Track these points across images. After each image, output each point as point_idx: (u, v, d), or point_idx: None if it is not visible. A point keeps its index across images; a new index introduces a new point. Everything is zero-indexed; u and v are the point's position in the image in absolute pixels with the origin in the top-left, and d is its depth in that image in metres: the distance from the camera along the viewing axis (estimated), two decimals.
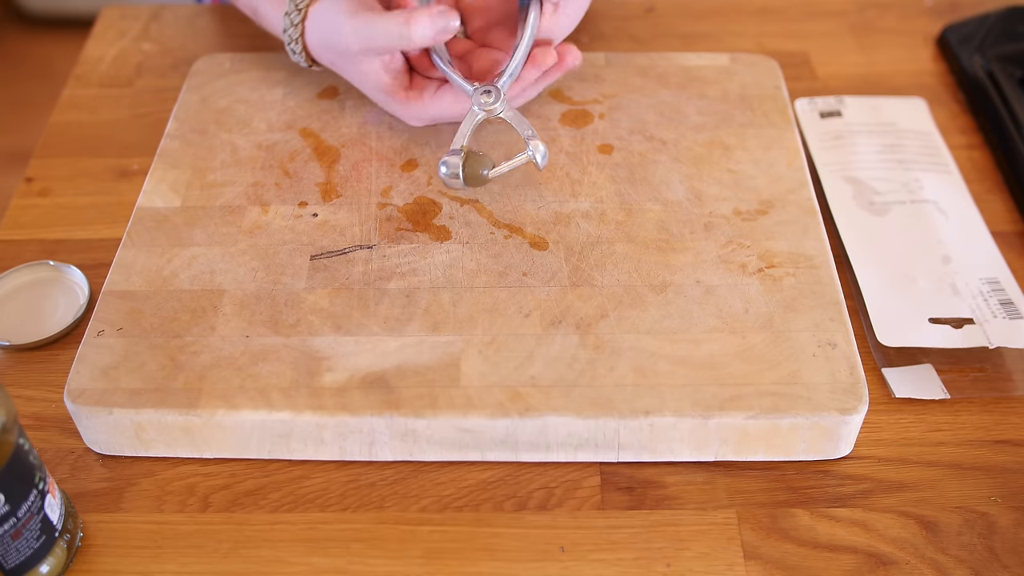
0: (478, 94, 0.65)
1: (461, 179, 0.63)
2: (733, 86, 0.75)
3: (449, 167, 0.63)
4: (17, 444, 0.48)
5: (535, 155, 0.63)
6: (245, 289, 0.61)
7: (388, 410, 0.55)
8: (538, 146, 0.63)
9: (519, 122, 0.65)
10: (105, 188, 0.73)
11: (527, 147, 0.63)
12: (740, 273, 0.61)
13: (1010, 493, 0.56)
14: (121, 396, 0.56)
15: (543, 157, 0.64)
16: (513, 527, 0.54)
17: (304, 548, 0.54)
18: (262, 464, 0.57)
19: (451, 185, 0.64)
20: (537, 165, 0.64)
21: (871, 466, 0.57)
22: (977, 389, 0.61)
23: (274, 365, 0.57)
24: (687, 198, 0.66)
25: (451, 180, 0.64)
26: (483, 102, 0.65)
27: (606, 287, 0.61)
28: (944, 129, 0.77)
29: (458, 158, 0.63)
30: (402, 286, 0.61)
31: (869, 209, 0.69)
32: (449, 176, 0.63)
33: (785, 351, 0.57)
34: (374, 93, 0.69)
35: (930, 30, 0.86)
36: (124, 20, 0.87)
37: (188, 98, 0.74)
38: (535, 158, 0.63)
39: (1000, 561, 0.53)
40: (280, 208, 0.66)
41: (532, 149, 0.63)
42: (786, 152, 0.69)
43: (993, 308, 0.63)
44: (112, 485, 0.56)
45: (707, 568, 0.53)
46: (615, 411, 0.55)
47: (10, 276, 0.66)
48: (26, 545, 0.49)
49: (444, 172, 0.63)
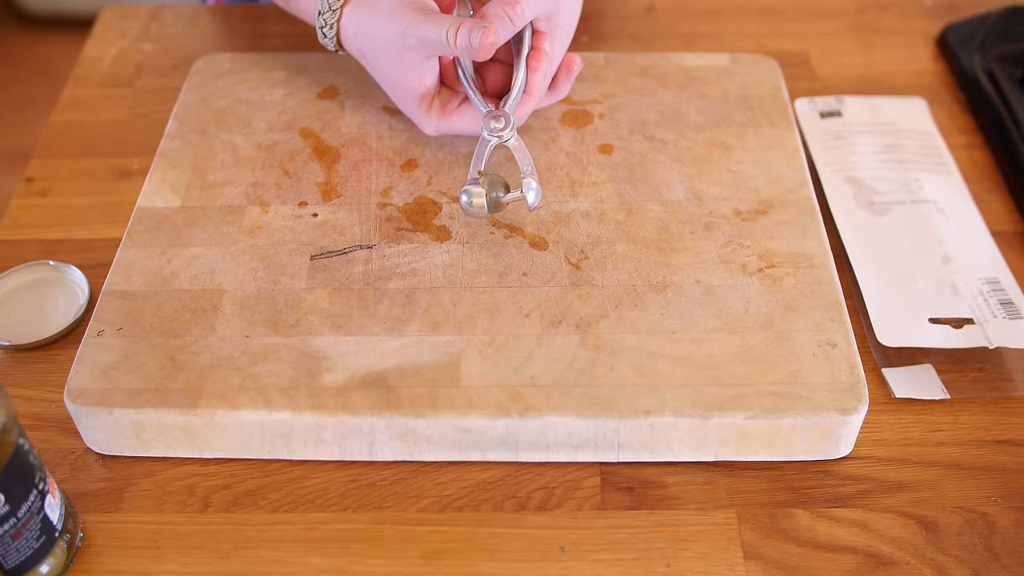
0: (488, 119, 0.64)
1: (486, 207, 0.61)
2: (733, 86, 0.75)
3: (471, 195, 0.61)
4: (17, 444, 0.48)
5: (526, 194, 0.62)
6: (245, 289, 0.61)
7: (388, 410, 0.55)
8: (531, 185, 0.62)
9: (521, 156, 0.64)
10: (105, 188, 0.73)
11: (520, 185, 0.62)
12: (740, 273, 0.62)
13: (1010, 493, 0.56)
14: (121, 396, 0.56)
15: (535, 197, 0.62)
16: (513, 527, 0.54)
17: (304, 548, 0.54)
18: (262, 464, 0.57)
19: (474, 215, 0.62)
20: (528, 206, 0.62)
21: (871, 466, 0.57)
22: (977, 389, 0.61)
23: (274, 365, 0.57)
24: (687, 198, 0.66)
25: (476, 210, 0.62)
26: (493, 127, 0.64)
27: (606, 287, 0.61)
28: (944, 129, 0.77)
29: (480, 187, 0.61)
30: (402, 286, 0.61)
31: (869, 209, 0.69)
32: (474, 207, 0.61)
33: (785, 351, 0.57)
34: (400, 94, 0.67)
35: (930, 30, 0.86)
36: (124, 20, 0.87)
37: (188, 98, 0.74)
38: (526, 198, 0.62)
39: (1000, 561, 0.53)
40: (280, 208, 0.66)
41: (525, 188, 0.62)
42: (786, 152, 0.69)
43: (993, 308, 0.63)
44: (112, 485, 0.56)
45: (707, 568, 0.53)
46: (615, 411, 0.55)
47: (10, 276, 0.66)
48: (26, 545, 0.49)
49: (466, 201, 0.61)
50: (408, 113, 0.69)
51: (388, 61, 0.65)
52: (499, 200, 0.62)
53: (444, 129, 0.68)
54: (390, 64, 0.65)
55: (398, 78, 0.66)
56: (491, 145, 0.64)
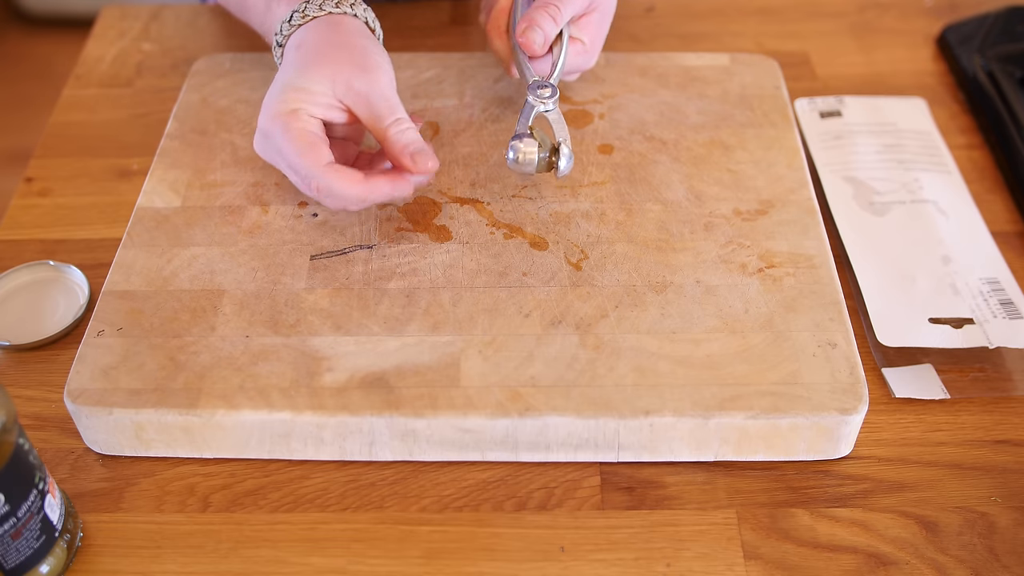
0: (535, 87, 0.64)
1: (535, 163, 0.62)
2: (733, 86, 0.75)
3: (520, 151, 0.62)
4: (17, 444, 0.48)
5: (559, 160, 0.62)
6: (245, 289, 0.61)
7: (388, 410, 0.55)
8: (564, 151, 0.62)
9: (560, 126, 0.64)
10: (105, 188, 0.73)
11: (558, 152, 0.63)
12: (740, 273, 0.61)
13: (1010, 493, 0.56)
14: (121, 396, 0.56)
15: (566, 164, 0.62)
16: (513, 527, 0.54)
17: (304, 548, 0.54)
18: (262, 464, 0.57)
19: (523, 170, 0.62)
20: (558, 170, 0.63)
21: (871, 466, 0.57)
22: (977, 389, 0.61)
23: (274, 365, 0.57)
24: (687, 198, 0.66)
25: (525, 166, 0.62)
26: (540, 94, 0.64)
27: (606, 287, 0.61)
28: (944, 129, 0.77)
29: (533, 140, 0.62)
30: (402, 286, 0.61)
31: (869, 209, 0.69)
32: (522, 163, 0.62)
33: (785, 351, 0.57)
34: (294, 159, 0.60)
35: (930, 30, 0.86)
36: (124, 20, 0.87)
37: (188, 98, 0.74)
38: (558, 164, 0.62)
39: (1000, 561, 0.53)
40: (280, 208, 0.66)
41: (560, 155, 0.62)
42: (786, 152, 0.69)
43: (993, 308, 0.63)
44: (112, 485, 0.56)
45: (707, 568, 0.53)
46: (615, 411, 0.55)
47: (10, 276, 0.66)
48: (26, 545, 0.49)
49: (512, 157, 0.62)
50: (313, 184, 0.60)
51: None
52: (547, 160, 0.62)
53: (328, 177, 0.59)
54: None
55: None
56: (536, 111, 0.64)
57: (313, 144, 0.59)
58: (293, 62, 0.62)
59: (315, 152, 0.59)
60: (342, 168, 0.59)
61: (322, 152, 0.59)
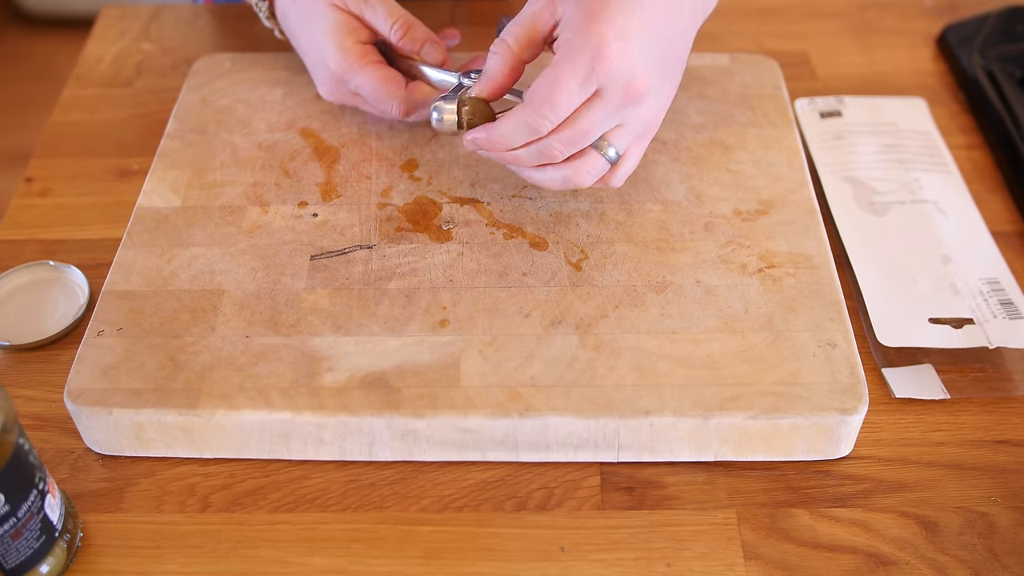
0: (465, 76, 0.64)
1: (456, 120, 0.61)
2: (733, 86, 0.75)
3: (442, 111, 0.61)
4: (17, 444, 0.48)
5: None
6: (245, 289, 0.61)
7: (388, 410, 0.55)
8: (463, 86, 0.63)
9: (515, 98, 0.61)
10: (105, 188, 0.73)
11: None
12: (740, 273, 0.62)
13: (1010, 493, 0.56)
14: (121, 396, 0.56)
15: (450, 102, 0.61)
16: (513, 527, 0.54)
17: (304, 548, 0.54)
18: (262, 464, 0.57)
19: (444, 128, 0.61)
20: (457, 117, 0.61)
21: (871, 466, 0.57)
22: (977, 389, 0.61)
23: (274, 365, 0.57)
24: (687, 198, 0.66)
25: (446, 126, 0.61)
26: (473, 76, 0.63)
27: (606, 287, 0.61)
28: (944, 129, 0.77)
29: (452, 99, 0.61)
30: (402, 286, 0.61)
31: (869, 209, 0.69)
32: (443, 122, 0.61)
33: (785, 351, 0.57)
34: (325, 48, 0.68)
35: (930, 30, 0.86)
36: (124, 20, 0.87)
37: (188, 98, 0.74)
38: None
39: (1000, 561, 0.53)
40: (280, 208, 0.66)
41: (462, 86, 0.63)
42: (786, 152, 0.69)
43: (993, 308, 0.63)
44: (112, 485, 0.56)
45: (707, 568, 0.53)
46: (615, 411, 0.55)
47: (10, 276, 0.66)
48: (26, 545, 0.49)
49: (437, 117, 0.61)
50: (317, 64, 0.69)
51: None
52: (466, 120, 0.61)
53: (350, 80, 0.67)
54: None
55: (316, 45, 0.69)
56: (466, 86, 0.62)
57: (380, 63, 0.68)
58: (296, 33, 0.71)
59: (383, 70, 0.67)
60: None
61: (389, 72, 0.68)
